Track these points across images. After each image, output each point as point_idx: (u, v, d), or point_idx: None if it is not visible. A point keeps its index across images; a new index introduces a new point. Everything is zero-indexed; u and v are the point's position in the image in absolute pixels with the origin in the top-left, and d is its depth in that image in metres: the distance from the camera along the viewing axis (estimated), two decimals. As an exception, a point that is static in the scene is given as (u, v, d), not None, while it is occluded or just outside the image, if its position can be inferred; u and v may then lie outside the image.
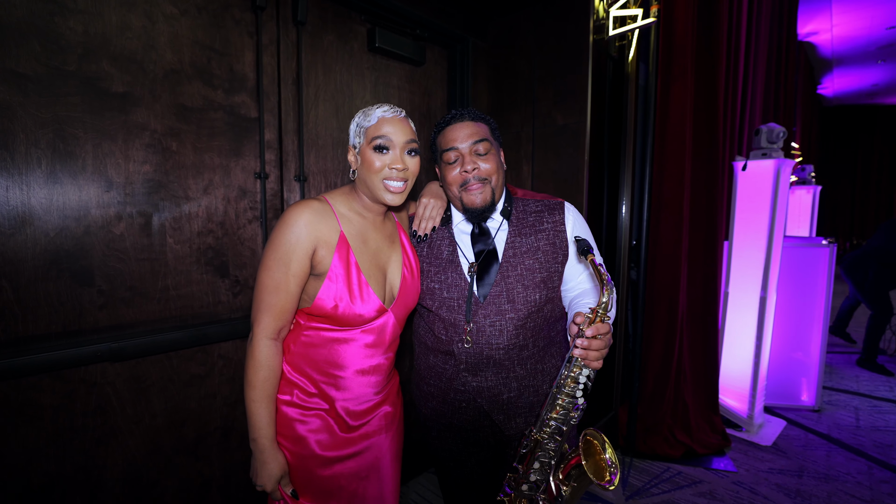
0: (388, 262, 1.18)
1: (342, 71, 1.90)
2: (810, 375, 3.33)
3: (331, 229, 1.07)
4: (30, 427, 1.21)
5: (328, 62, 1.85)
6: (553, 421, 1.02)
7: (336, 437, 1.13)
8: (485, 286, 1.17)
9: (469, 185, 1.15)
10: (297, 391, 1.11)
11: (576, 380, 0.99)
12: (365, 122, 1.09)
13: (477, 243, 1.21)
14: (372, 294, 1.10)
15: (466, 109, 1.21)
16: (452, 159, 1.17)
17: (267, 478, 1.05)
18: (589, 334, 0.94)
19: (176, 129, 1.44)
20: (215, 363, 1.56)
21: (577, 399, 0.99)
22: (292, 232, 1.02)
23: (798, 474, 2.48)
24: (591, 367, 0.98)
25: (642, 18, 2.30)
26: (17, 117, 1.17)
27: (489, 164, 1.16)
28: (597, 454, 0.98)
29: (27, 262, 1.19)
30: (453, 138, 1.17)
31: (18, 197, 1.18)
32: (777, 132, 2.81)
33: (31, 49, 1.18)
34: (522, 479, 1.08)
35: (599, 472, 0.95)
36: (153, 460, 1.43)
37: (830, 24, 6.10)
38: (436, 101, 2.32)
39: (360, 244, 1.11)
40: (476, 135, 1.16)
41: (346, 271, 1.07)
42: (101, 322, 1.32)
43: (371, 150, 1.07)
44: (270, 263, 1.02)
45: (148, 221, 1.40)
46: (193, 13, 1.47)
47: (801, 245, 3.29)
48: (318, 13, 1.80)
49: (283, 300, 1.04)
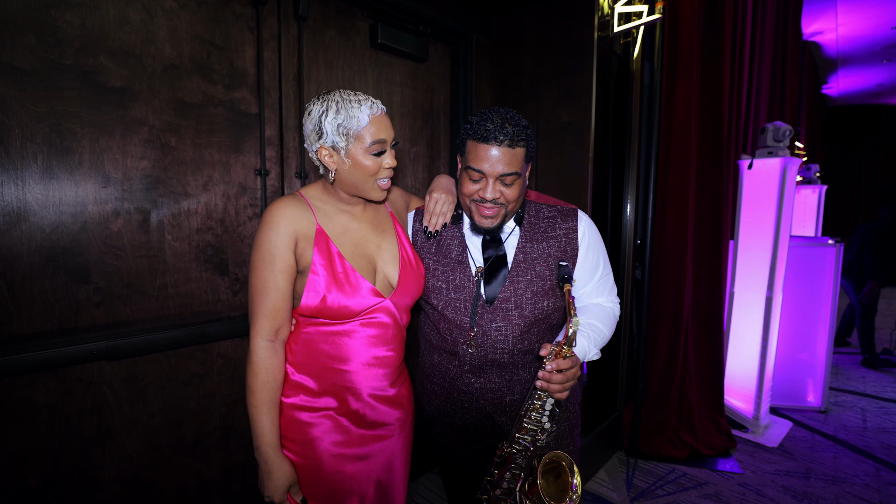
0: (378, 251, 1.15)
1: (344, 67, 1.88)
2: (816, 376, 3.29)
3: (308, 222, 1.06)
4: (24, 427, 1.19)
5: (330, 58, 1.83)
6: (521, 440, 1.05)
7: (351, 435, 1.10)
8: (492, 290, 1.14)
9: (484, 205, 1.08)
10: (303, 394, 1.09)
11: (542, 407, 1.02)
12: (351, 123, 1.01)
13: (487, 246, 1.17)
14: (361, 279, 1.07)
15: (508, 126, 1.02)
16: (475, 178, 1.07)
17: (274, 488, 1.02)
18: (549, 368, 0.96)
19: (175, 125, 1.42)
20: (214, 362, 1.54)
21: (543, 424, 1.03)
22: (271, 229, 1.02)
23: (805, 476, 2.45)
24: (555, 398, 0.99)
25: (647, 15, 2.27)
26: (13, 111, 1.15)
27: (512, 192, 1.07)
28: (564, 474, 0.99)
29: (22, 259, 1.17)
30: (482, 158, 1.03)
31: (13, 192, 1.16)
32: (783, 130, 2.78)
33: (27, 42, 1.16)
34: (497, 485, 1.11)
35: (562, 494, 0.97)
36: (151, 460, 1.41)
37: (836, 23, 6.06)
38: (439, 98, 2.30)
39: (340, 235, 1.10)
40: (508, 166, 1.03)
41: (329, 262, 1.05)
42: (98, 320, 1.30)
43: (370, 155, 1.04)
44: (257, 265, 1.02)
45: (146, 218, 1.37)
46: (193, 7, 1.45)
47: (807, 244, 3.26)
48: (319, 8, 1.78)
49: (275, 299, 1.02)
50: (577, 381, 1.06)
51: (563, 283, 1.01)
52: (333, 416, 1.09)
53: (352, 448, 1.11)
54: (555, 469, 1.01)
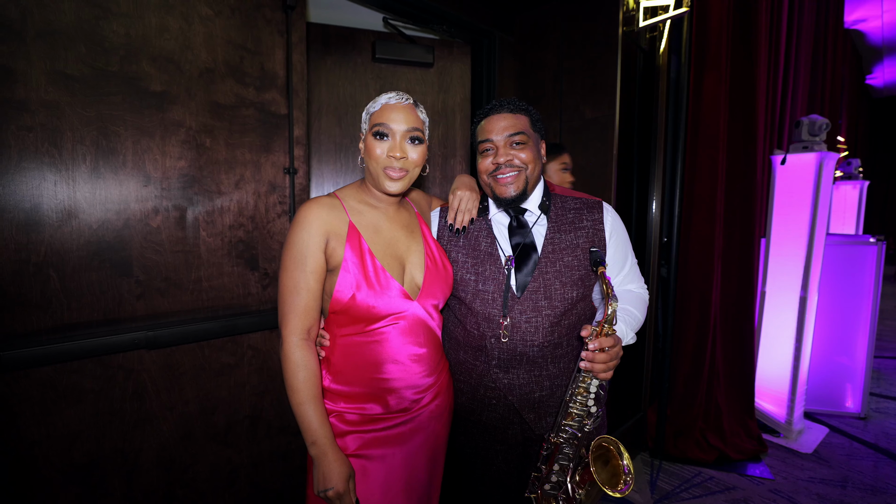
0: (408, 252, 1.16)
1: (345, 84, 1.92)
2: (856, 381, 3.15)
3: (340, 221, 1.07)
4: (74, 409, 1.28)
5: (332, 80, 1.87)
6: (568, 427, 1.04)
7: (389, 408, 1.13)
8: (522, 280, 1.15)
9: (501, 171, 1.14)
10: (343, 401, 1.11)
11: (587, 390, 1.01)
12: (371, 108, 1.10)
13: (514, 236, 1.20)
14: (391, 279, 1.08)
15: (507, 100, 1.18)
16: (488, 149, 1.17)
17: (339, 478, 1.00)
18: (592, 348, 0.96)
19: (209, 126, 1.49)
20: (245, 353, 1.60)
21: (589, 408, 1.02)
22: (303, 229, 1.03)
23: (841, 485, 2.36)
24: (600, 378, 0.99)
25: (674, 8, 2.23)
26: (65, 116, 1.24)
27: (525, 153, 1.15)
28: (613, 459, 0.98)
29: (72, 253, 1.26)
30: (489, 130, 1.16)
31: (65, 191, 1.24)
32: (819, 124, 2.68)
33: (77, 52, 1.25)
34: (545, 479, 1.09)
35: (615, 479, 0.96)
36: (185, 446, 1.49)
37: (881, 9, 5.75)
38: (454, 97, 2.32)
39: (372, 234, 1.11)
40: (513, 127, 1.14)
41: (361, 259, 1.06)
42: (139, 311, 1.38)
43: (371, 136, 1.07)
44: (288, 264, 1.03)
45: (182, 215, 1.45)
46: (227, 14, 1.51)
47: (847, 243, 3.12)
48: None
49: (306, 299, 1.04)
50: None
51: (596, 267, 1.02)
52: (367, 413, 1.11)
53: (387, 420, 1.12)
54: (602, 455, 1.00)
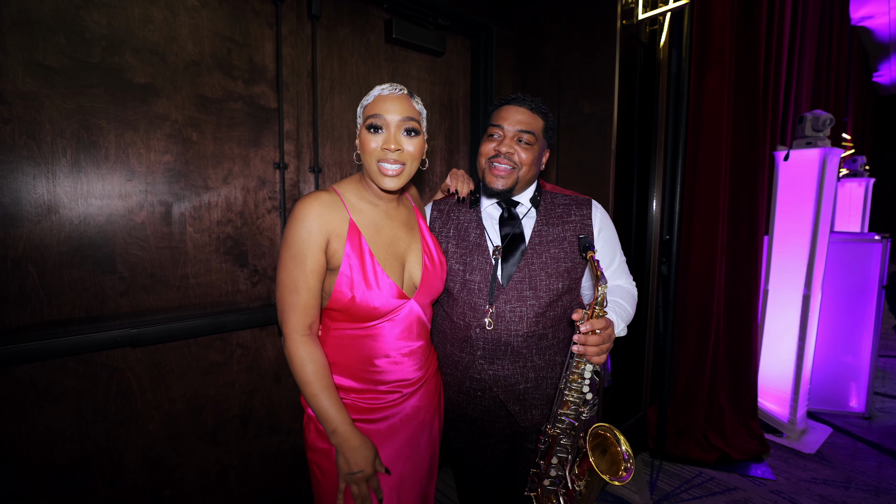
0: (407, 251, 1.15)
1: (358, 63, 1.89)
2: (860, 380, 3.10)
3: (341, 220, 1.04)
4: (54, 408, 1.25)
5: (344, 54, 1.84)
6: (565, 416, 1.02)
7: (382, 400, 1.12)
8: (508, 270, 1.17)
9: (498, 159, 1.16)
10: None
11: (581, 375, 1.00)
12: (365, 102, 1.06)
13: (504, 226, 1.22)
14: (387, 280, 1.06)
15: (531, 98, 1.19)
16: (495, 134, 1.19)
17: (364, 460, 1.01)
18: (584, 330, 0.96)
19: (196, 120, 1.46)
20: (234, 351, 1.58)
21: (584, 395, 1.00)
22: (303, 227, 0.99)
23: (845, 486, 2.31)
24: (593, 362, 0.99)
25: (675, 1, 2.18)
26: (44, 108, 1.21)
27: (526, 155, 1.17)
28: (612, 447, 0.95)
29: (52, 249, 1.23)
30: (504, 117, 1.17)
31: (45, 185, 1.22)
32: (823, 119, 2.62)
33: (57, 42, 1.22)
34: (544, 475, 1.09)
35: (615, 467, 0.94)
36: (173, 445, 1.46)
37: (888, 6, 5.67)
38: (458, 91, 2.28)
39: (372, 233, 1.08)
40: (526, 124, 1.17)
41: (360, 259, 1.04)
42: (123, 308, 1.35)
43: (365, 129, 1.03)
44: (287, 262, 1.00)
45: (168, 210, 1.42)
46: (214, 5, 1.48)
47: (851, 240, 3.06)
48: (333, 6, 1.79)
49: (306, 297, 1.01)
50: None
51: (585, 252, 1.02)
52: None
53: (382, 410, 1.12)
54: (600, 444, 1.00)
